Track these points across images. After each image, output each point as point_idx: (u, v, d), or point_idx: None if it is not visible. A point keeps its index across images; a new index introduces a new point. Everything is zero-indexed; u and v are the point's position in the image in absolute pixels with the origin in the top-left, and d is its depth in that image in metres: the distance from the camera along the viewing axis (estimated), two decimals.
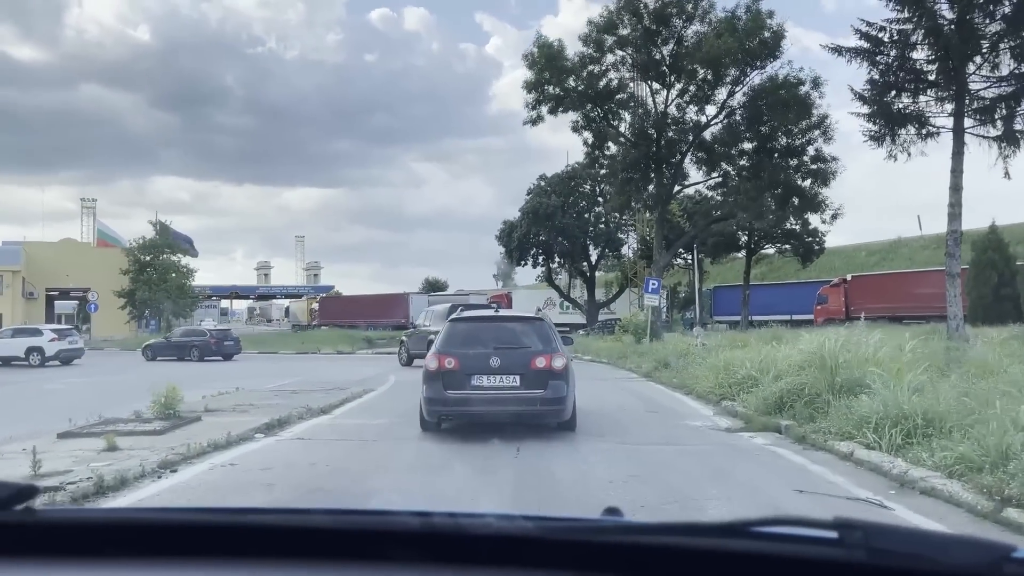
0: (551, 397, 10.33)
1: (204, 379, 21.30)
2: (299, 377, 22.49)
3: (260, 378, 21.72)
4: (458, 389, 10.29)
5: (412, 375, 22.71)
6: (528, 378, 10.33)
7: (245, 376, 22.86)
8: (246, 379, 20.96)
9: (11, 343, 32.58)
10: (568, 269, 59.25)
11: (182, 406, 13.22)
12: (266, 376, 22.84)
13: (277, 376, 22.53)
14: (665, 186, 31.47)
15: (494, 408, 10.38)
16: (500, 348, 10.52)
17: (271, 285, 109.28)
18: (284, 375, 22.97)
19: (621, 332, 36.79)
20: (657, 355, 23.43)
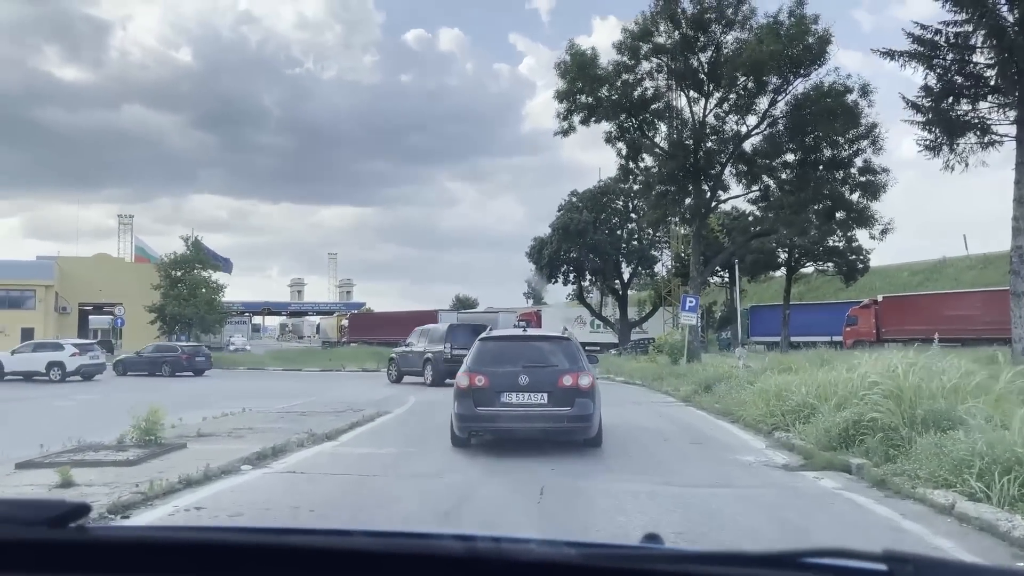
0: (578, 414, 10.47)
1: (218, 398, 20.03)
2: (314, 396, 21.13)
3: (266, 397, 20.40)
4: (488, 406, 10.47)
5: (431, 396, 21.30)
6: (555, 396, 10.46)
7: (259, 395, 21.56)
8: (259, 399, 19.67)
9: (32, 358, 31.70)
10: (600, 287, 57.48)
11: (173, 430, 11.93)
12: (271, 394, 21.53)
13: (285, 393, 21.21)
14: (703, 199, 29.75)
15: (522, 425, 10.58)
16: (528, 367, 10.61)
17: (303, 302, 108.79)
18: (294, 392, 21.62)
19: (655, 352, 35.06)
20: (696, 377, 21.71)
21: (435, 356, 25.26)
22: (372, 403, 18.48)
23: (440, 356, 24.99)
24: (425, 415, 15.91)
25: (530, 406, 10.47)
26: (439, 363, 24.88)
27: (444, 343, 25.13)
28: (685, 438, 12.79)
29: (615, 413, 16.56)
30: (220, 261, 66.32)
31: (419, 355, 26.10)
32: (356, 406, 17.14)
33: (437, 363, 24.95)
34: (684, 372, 26.31)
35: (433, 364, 25.14)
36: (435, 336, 26.02)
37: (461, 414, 10.65)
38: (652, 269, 55.49)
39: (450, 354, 24.50)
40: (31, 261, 61.59)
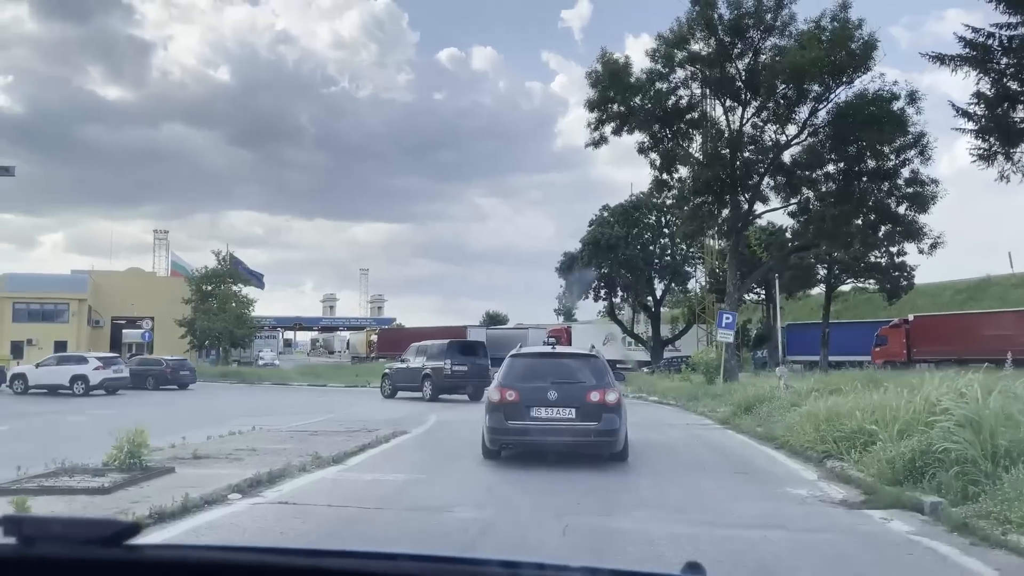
0: (604, 429, 10.68)
1: (235, 414, 19.12)
2: (333, 414, 20.15)
3: (284, 414, 19.47)
4: (518, 420, 10.69)
5: (453, 415, 20.22)
6: (583, 411, 10.66)
7: (278, 412, 20.65)
8: (276, 415, 18.75)
9: (56, 371, 31.18)
10: (631, 303, 56.05)
11: (172, 451, 11.01)
12: (290, 411, 20.59)
13: (304, 410, 20.25)
14: (740, 212, 28.40)
15: (551, 438, 10.76)
16: (557, 382, 10.84)
17: (333, 317, 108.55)
18: (314, 409, 20.63)
19: (688, 371, 33.67)
20: (734, 398, 20.37)
21: (434, 372, 25.75)
22: (391, 422, 17.42)
23: (440, 372, 25.57)
24: (444, 436, 14.83)
25: (559, 420, 10.66)
26: (439, 379, 25.53)
27: (444, 360, 25.58)
28: (726, 466, 11.53)
29: (648, 436, 15.33)
30: (253, 276, 66.19)
31: (416, 371, 26.50)
32: (373, 425, 16.09)
33: (437, 379, 25.55)
34: (721, 392, 24.96)
35: (432, 380, 25.62)
36: (434, 353, 26.36)
37: (492, 427, 10.89)
38: (685, 285, 54.05)
39: (450, 370, 25.30)
40: (65, 275, 61.78)
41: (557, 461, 11.38)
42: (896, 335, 41.89)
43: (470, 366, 25.99)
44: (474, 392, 26.05)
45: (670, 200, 51.45)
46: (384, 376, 29.21)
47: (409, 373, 26.97)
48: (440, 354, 26.02)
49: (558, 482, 9.86)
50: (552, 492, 9.19)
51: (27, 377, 31.39)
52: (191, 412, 22.15)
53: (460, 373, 25.63)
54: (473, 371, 25.92)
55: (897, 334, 41.88)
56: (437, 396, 25.28)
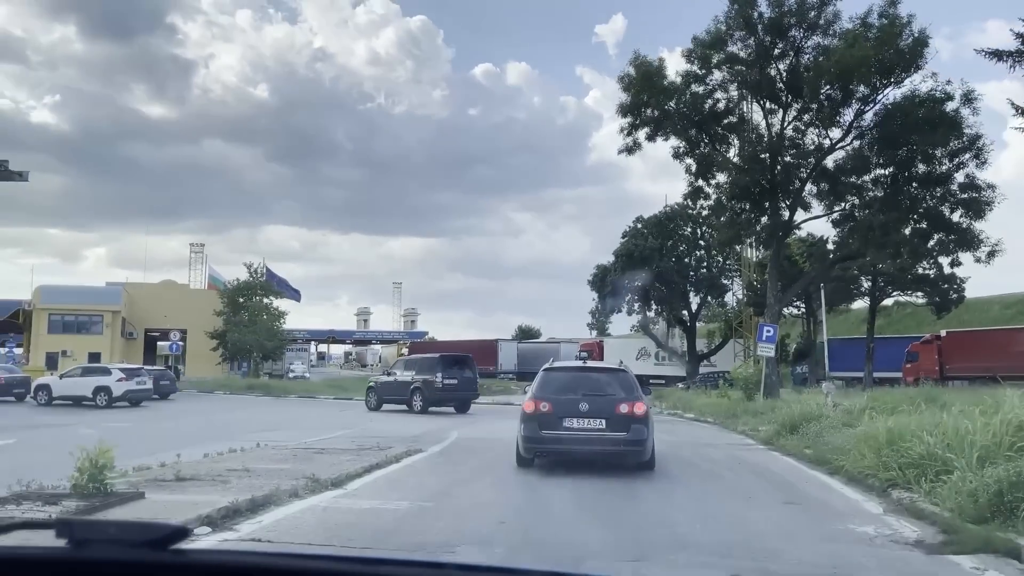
0: (633, 439, 11.13)
1: (249, 429, 18.09)
2: (351, 429, 18.98)
3: (299, 429, 18.36)
4: (552, 429, 11.16)
5: (475, 431, 18.96)
6: (613, 422, 11.09)
7: (293, 427, 19.58)
8: (291, 430, 17.67)
9: (79, 382, 30.53)
10: (666, 317, 54.32)
11: (161, 470, 9.94)
12: (307, 425, 19.49)
13: (322, 425, 19.12)
14: (781, 219, 26.81)
15: (583, 448, 11.29)
16: (588, 395, 11.31)
17: (366, 330, 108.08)
18: (333, 424, 19.48)
19: (726, 387, 32.05)
20: (778, 416, 18.82)
21: (425, 385, 26.30)
22: (409, 439, 16.22)
23: (431, 385, 26.13)
24: (462, 456, 13.55)
25: (590, 431, 11.13)
26: (430, 391, 26.15)
27: (435, 373, 26.23)
28: (775, 494, 10.09)
29: (686, 457, 13.92)
30: (288, 290, 65.73)
31: (405, 384, 27.00)
32: (389, 442, 14.92)
33: (427, 391, 26.17)
34: (761, 409, 23.37)
35: (423, 392, 26.24)
36: (424, 367, 27.06)
37: (527, 436, 11.33)
38: (722, 299, 52.26)
39: (441, 384, 25.96)
40: (99, 287, 61.86)
41: (583, 487, 10.08)
42: (928, 351, 40.58)
43: (460, 379, 26.70)
44: (460, 405, 26.94)
45: (706, 210, 50.27)
46: (369, 389, 29.58)
47: (396, 386, 27.46)
48: (431, 368, 26.67)
49: (584, 512, 8.56)
50: (576, 526, 7.89)
51: (51, 388, 30.79)
52: (203, 426, 21.18)
53: (451, 386, 26.30)
54: (462, 384, 26.77)
55: (929, 350, 40.56)
56: (427, 408, 25.97)
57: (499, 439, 17.11)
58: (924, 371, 38.08)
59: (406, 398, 26.74)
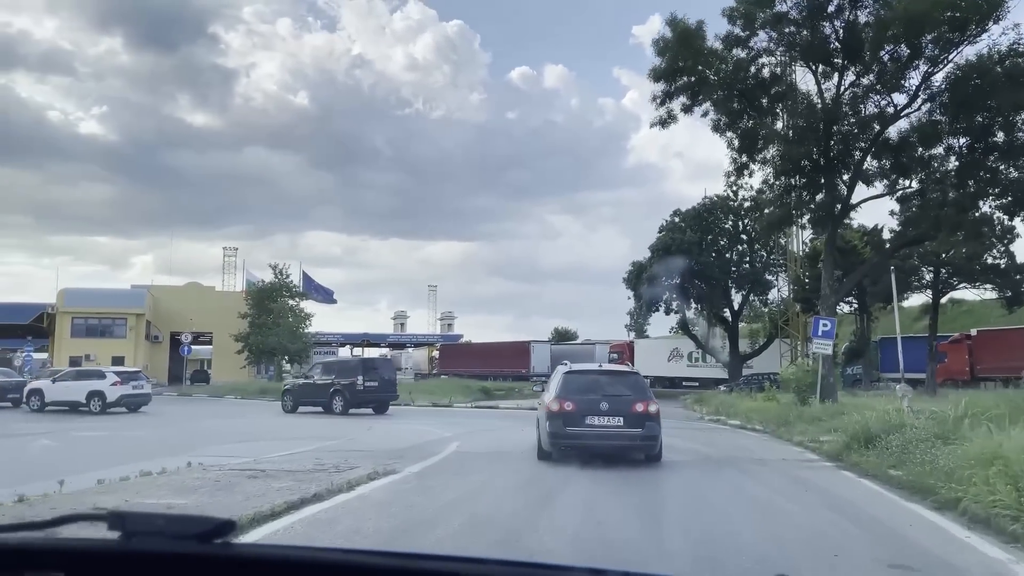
0: (647, 435, 12.19)
1: (221, 439, 15.24)
2: (334, 440, 15.99)
3: (279, 440, 15.43)
4: (575, 426, 12.09)
5: (479, 443, 15.83)
6: (629, 419, 12.15)
7: (274, 436, 16.67)
8: (268, 441, 14.77)
9: (73, 387, 28.05)
10: (706, 316, 50.52)
11: None
12: (290, 435, 16.55)
13: (307, 435, 16.18)
14: (838, 195, 23.13)
15: (603, 442, 12.25)
16: (607, 395, 12.35)
17: (401, 334, 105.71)
18: (321, 435, 16.49)
19: (773, 390, 28.47)
20: (845, 425, 15.41)
21: (345, 387, 26.46)
22: (392, 453, 13.19)
23: (352, 387, 26.31)
24: (446, 483, 10.32)
25: (609, 427, 12.06)
26: (350, 394, 26.29)
27: (356, 376, 26.49)
28: (872, 548, 6.74)
29: (735, 481, 10.59)
30: (322, 293, 63.32)
31: (324, 386, 27.07)
32: (363, 458, 11.94)
33: (348, 394, 26.32)
34: (819, 415, 19.89)
35: (343, 395, 26.36)
36: (345, 370, 27.44)
37: (553, 432, 12.10)
38: (766, 295, 48.37)
39: (363, 386, 26.21)
40: (123, 289, 60.18)
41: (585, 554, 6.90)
42: (957, 351, 38.46)
43: (380, 382, 26.97)
44: (379, 406, 26.86)
45: (748, 196, 46.42)
46: (285, 392, 29.34)
47: (314, 388, 27.54)
48: (352, 371, 27.10)
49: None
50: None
51: (43, 393, 28.34)
52: (174, 436, 18.38)
53: (371, 388, 26.60)
54: (382, 387, 27.02)
55: (959, 350, 38.45)
56: (348, 410, 26.02)
57: (507, 452, 13.99)
58: (954, 372, 36.29)
59: (325, 400, 26.90)
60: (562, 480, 10.78)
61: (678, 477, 11.18)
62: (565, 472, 11.45)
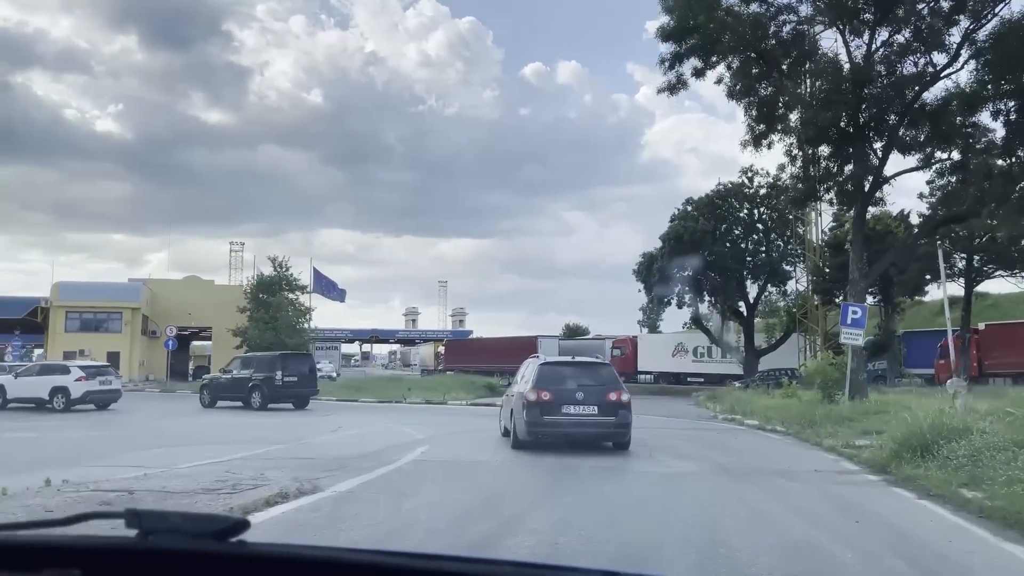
0: (620, 423, 12.59)
1: (155, 442, 12.81)
2: (281, 445, 13.49)
3: (231, 443, 12.95)
4: (552, 415, 12.38)
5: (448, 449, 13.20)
6: (603, 408, 12.52)
7: (230, 439, 14.21)
8: (217, 445, 12.33)
9: (36, 382, 25.70)
10: (720, 309, 47.63)
11: None
12: (246, 438, 14.04)
13: (253, 437, 13.69)
14: (869, 166, 20.26)
15: (579, 430, 12.56)
16: (583, 385, 12.70)
17: (410, 330, 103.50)
18: (270, 435, 13.97)
19: (792, 386, 25.73)
20: (882, 426, 12.76)
21: (263, 382, 25.95)
22: (336, 462, 10.66)
23: (270, 382, 25.81)
24: (372, 508, 7.63)
25: (585, 416, 12.49)
26: (269, 388, 25.81)
27: (275, 371, 26.00)
28: None
29: (756, 507, 7.85)
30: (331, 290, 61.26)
31: (242, 381, 26.56)
32: (296, 469, 9.43)
33: (266, 388, 25.84)
34: (848, 414, 17.26)
35: (262, 389, 25.87)
36: (263, 364, 26.90)
37: (531, 420, 12.39)
38: (784, 286, 45.42)
39: (281, 381, 25.76)
40: (119, 283, 58.09)
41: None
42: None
43: (300, 376, 26.46)
44: (299, 401, 26.38)
45: (764, 184, 43.57)
46: (203, 386, 28.84)
47: (232, 383, 26.97)
48: (270, 365, 26.51)
49: None
50: None
51: (5, 389, 26.04)
52: (112, 439, 15.97)
53: (291, 383, 26.05)
54: (302, 381, 26.49)
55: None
56: (267, 405, 25.60)
57: (475, 462, 11.46)
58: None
59: (243, 395, 26.28)
60: (532, 500, 8.22)
61: (686, 499, 8.56)
62: (537, 485, 8.94)
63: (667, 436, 16.37)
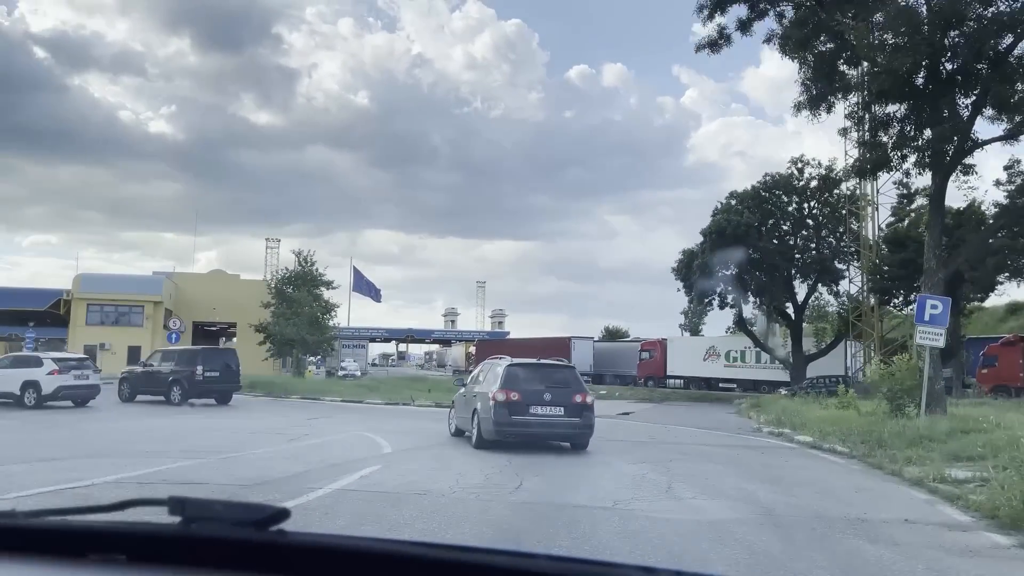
0: (585, 424, 12.85)
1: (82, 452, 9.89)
2: (214, 457, 10.42)
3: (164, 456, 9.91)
4: (521, 415, 12.49)
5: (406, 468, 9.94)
6: (569, 409, 12.72)
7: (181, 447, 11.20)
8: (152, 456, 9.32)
9: (8, 376, 23.14)
10: (766, 310, 43.47)
11: None
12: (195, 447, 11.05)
13: (214, 444, 10.67)
14: (958, 123, 16.26)
15: (546, 430, 12.73)
16: (550, 387, 12.77)
17: (445, 330, 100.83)
18: (233, 442, 10.91)
19: (848, 394, 21.99)
20: (987, 451, 9.16)
21: (184, 377, 24.87)
22: (245, 487, 7.56)
23: (190, 377, 24.78)
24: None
25: (552, 417, 12.62)
26: (189, 383, 24.78)
27: (196, 365, 25.04)
28: None
29: None
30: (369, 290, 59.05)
31: (162, 375, 25.33)
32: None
33: (186, 383, 24.79)
34: (926, 432, 13.58)
35: (181, 384, 24.83)
36: (184, 358, 25.79)
37: (499, 420, 12.39)
38: (836, 286, 41.13)
39: (202, 376, 24.80)
40: (141, 276, 56.37)
41: None
42: (1011, 354, 32.78)
43: (222, 371, 25.49)
44: (221, 397, 25.43)
45: (815, 175, 39.51)
46: (122, 380, 26.80)
47: (151, 377, 25.63)
48: (191, 360, 25.38)
49: None
50: None
51: None
52: (19, 448, 13.08)
53: (212, 378, 25.00)
54: (224, 376, 25.47)
55: (1011, 353, 32.79)
56: (187, 400, 24.57)
57: (426, 491, 8.19)
58: (1005, 378, 32.27)
59: (163, 390, 25.02)
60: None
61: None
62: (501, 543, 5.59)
63: (698, 457, 12.92)
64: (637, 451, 13.57)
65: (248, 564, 1.27)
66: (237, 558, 1.27)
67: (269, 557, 1.27)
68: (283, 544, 1.27)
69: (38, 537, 1.37)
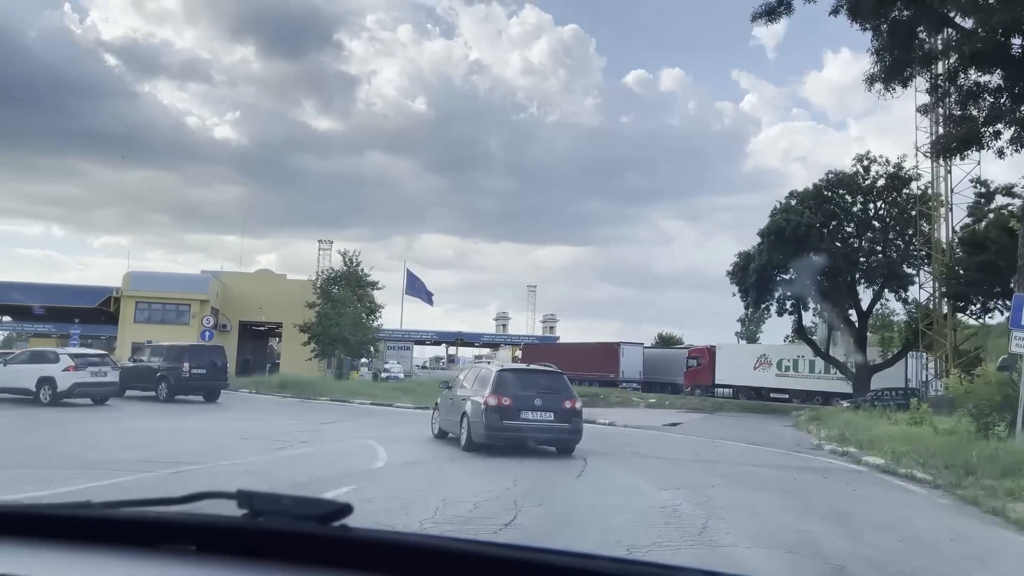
0: (574, 429, 12.97)
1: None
2: (161, 471, 8.78)
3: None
4: (512, 420, 12.54)
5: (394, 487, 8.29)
6: (560, 414, 12.81)
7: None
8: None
9: (24, 372, 22.27)
10: (828, 317, 40.40)
11: None
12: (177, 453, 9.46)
13: (204, 449, 9.09)
14: None
15: (536, 435, 12.78)
16: (540, 393, 12.99)
17: (495, 333, 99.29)
18: (223, 448, 9.30)
19: (923, 409, 19.49)
20: None
21: (171, 373, 24.88)
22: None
23: (177, 373, 24.81)
24: None
25: (542, 422, 12.74)
26: (177, 380, 24.81)
27: (182, 362, 24.99)
28: None
29: None
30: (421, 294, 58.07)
31: (151, 371, 25.38)
32: None
33: (174, 380, 24.84)
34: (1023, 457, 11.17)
35: (167, 380, 24.88)
36: (172, 355, 25.63)
37: (490, 424, 12.46)
38: (905, 292, 37.90)
39: (188, 372, 24.80)
40: (189, 274, 56.05)
41: None
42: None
43: (209, 369, 25.56)
44: (208, 394, 25.49)
45: (882, 174, 36.58)
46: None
47: (140, 372, 25.44)
48: (179, 356, 25.33)
49: None
50: None
51: None
52: (26, 449, 11.74)
53: (199, 375, 25.11)
54: (211, 374, 25.58)
55: None
56: (173, 396, 24.67)
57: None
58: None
59: (151, 385, 24.97)
60: None
61: None
62: None
63: (746, 481, 10.76)
64: (674, 472, 11.48)
65: (312, 558, 1.27)
66: (301, 551, 1.28)
67: (332, 551, 1.28)
68: (346, 539, 1.29)
69: (113, 528, 1.38)
